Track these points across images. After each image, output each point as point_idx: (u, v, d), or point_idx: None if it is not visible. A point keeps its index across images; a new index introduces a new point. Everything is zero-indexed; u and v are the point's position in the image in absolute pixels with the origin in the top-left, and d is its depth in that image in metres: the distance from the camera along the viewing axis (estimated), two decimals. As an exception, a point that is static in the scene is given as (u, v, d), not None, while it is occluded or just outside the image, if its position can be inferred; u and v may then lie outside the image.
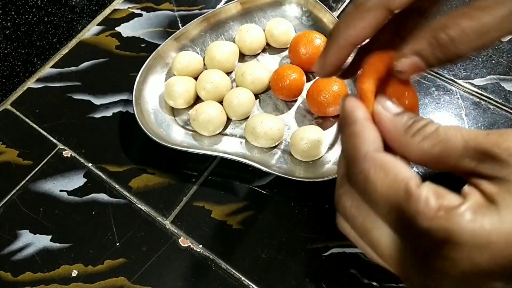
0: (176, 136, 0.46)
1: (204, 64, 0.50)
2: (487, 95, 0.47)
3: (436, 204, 0.18)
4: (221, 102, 0.46)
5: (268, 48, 0.51)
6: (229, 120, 0.47)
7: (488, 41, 0.21)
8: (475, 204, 0.19)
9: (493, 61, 0.50)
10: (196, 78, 0.48)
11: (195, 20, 0.51)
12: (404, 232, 0.19)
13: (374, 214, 0.21)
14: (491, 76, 0.49)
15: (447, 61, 0.22)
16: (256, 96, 0.48)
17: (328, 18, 0.50)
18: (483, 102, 0.47)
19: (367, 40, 0.25)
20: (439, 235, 0.18)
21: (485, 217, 0.18)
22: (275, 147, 0.45)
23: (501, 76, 0.48)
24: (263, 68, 0.47)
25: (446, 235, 0.18)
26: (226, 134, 0.46)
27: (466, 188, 0.20)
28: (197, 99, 0.48)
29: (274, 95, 0.47)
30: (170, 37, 0.50)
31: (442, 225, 0.18)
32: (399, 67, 0.23)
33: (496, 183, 0.19)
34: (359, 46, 0.25)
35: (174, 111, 0.48)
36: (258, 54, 0.51)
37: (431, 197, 0.19)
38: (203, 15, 0.51)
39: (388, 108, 0.22)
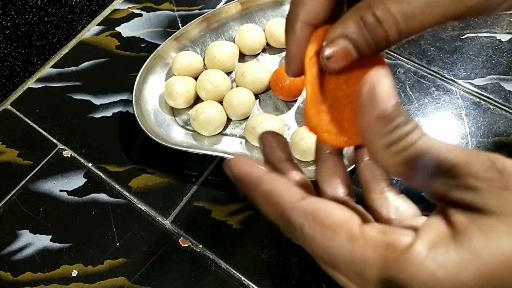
0: (176, 136, 0.46)
1: (204, 64, 0.50)
2: (487, 95, 0.47)
3: (383, 245, 0.16)
4: (221, 102, 0.46)
5: (268, 48, 0.51)
6: (229, 120, 0.47)
7: (416, 27, 0.19)
8: (431, 240, 0.16)
9: (493, 61, 0.50)
10: (196, 78, 0.48)
11: (195, 20, 0.51)
12: (362, 284, 0.17)
13: (327, 267, 0.19)
14: (491, 76, 0.49)
15: (377, 46, 0.19)
16: (256, 96, 0.47)
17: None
18: (483, 102, 0.47)
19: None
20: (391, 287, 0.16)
21: (439, 262, 0.15)
22: (275, 147, 0.45)
23: (501, 76, 0.48)
24: (263, 68, 0.47)
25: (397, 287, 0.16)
26: (226, 134, 0.46)
27: (431, 216, 0.17)
28: (197, 99, 0.48)
29: (274, 95, 0.47)
30: (170, 37, 0.50)
31: (392, 276, 0.15)
32: (326, 52, 0.20)
33: (468, 214, 0.16)
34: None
35: (174, 111, 0.48)
36: (258, 54, 0.51)
37: (377, 237, 0.16)
38: (203, 15, 0.51)
39: (378, 102, 0.18)
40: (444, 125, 0.46)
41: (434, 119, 0.46)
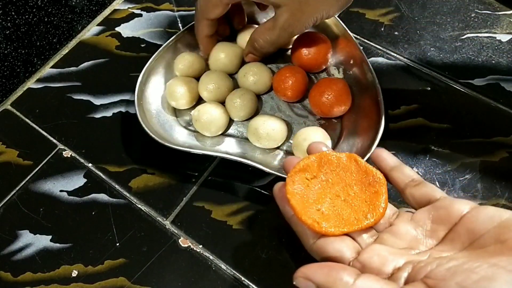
0: (179, 136, 0.46)
1: (207, 65, 0.50)
2: (487, 95, 0.47)
3: None
4: (223, 103, 0.46)
5: None
6: (231, 121, 0.47)
7: (278, 46, 0.46)
8: None
9: (493, 61, 0.50)
10: (198, 79, 0.48)
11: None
12: None
13: None
14: (491, 76, 0.49)
15: (263, 54, 0.46)
16: (259, 97, 0.48)
17: (331, 19, 0.50)
18: (483, 102, 0.47)
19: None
20: None
21: None
22: (277, 148, 0.45)
23: (501, 76, 0.49)
24: (266, 69, 0.47)
25: None
26: (228, 135, 0.46)
27: None
28: (199, 100, 0.48)
29: (276, 96, 0.47)
30: (172, 38, 0.50)
31: None
32: (247, 59, 0.48)
33: None
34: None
35: (176, 112, 0.48)
36: None
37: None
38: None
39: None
40: (445, 125, 0.46)
41: (435, 119, 0.46)
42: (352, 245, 0.28)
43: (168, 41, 0.49)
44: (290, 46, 0.50)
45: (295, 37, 0.49)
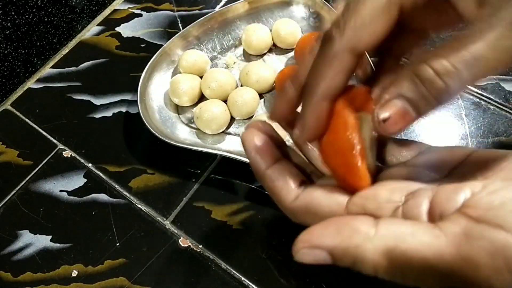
0: (180, 133, 0.46)
1: (211, 64, 0.50)
2: (487, 95, 0.47)
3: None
4: (225, 101, 0.46)
5: (275, 48, 0.51)
6: (232, 119, 0.47)
7: (482, 71, 0.18)
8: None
9: (493, 61, 0.50)
10: (201, 77, 0.48)
11: (201, 18, 0.51)
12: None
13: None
14: (491, 76, 0.49)
15: (438, 100, 0.19)
16: (261, 95, 0.47)
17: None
18: (483, 103, 0.47)
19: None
20: None
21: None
22: (276, 147, 0.45)
23: (501, 76, 0.48)
24: (268, 68, 0.47)
25: None
26: (229, 133, 0.46)
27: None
28: (202, 97, 0.48)
29: (277, 95, 0.47)
30: (176, 35, 0.50)
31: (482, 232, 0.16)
32: (382, 115, 0.19)
33: None
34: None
35: (178, 109, 0.48)
36: (264, 54, 0.51)
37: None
38: (210, 13, 0.51)
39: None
40: (444, 125, 0.46)
41: (434, 119, 0.46)
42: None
43: (173, 38, 0.49)
44: (294, 47, 0.50)
45: (300, 37, 0.49)
